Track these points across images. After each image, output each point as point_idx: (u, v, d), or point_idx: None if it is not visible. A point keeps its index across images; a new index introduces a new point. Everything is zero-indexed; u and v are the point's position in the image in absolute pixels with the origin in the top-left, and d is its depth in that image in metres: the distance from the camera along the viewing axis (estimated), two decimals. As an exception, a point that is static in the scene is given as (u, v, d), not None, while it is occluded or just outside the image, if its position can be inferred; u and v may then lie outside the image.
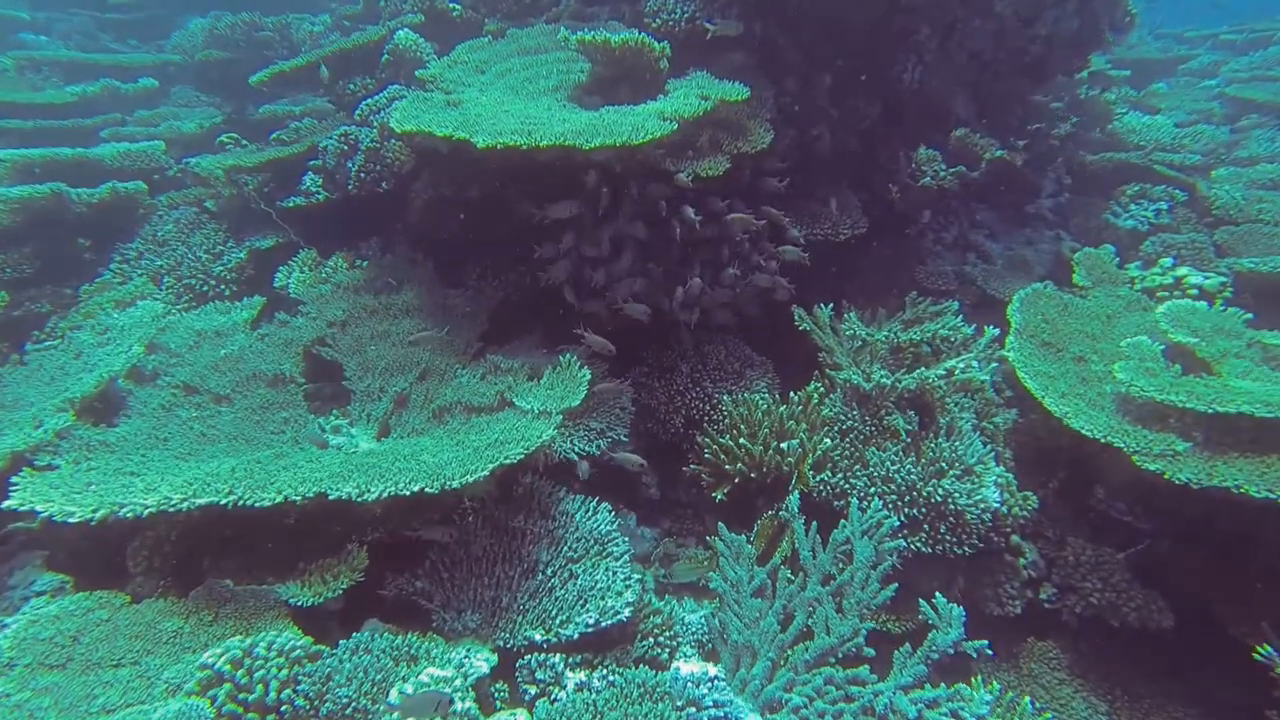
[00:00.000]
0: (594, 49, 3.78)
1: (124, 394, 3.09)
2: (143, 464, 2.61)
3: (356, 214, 4.16)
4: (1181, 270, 3.88)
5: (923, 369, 3.28)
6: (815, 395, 3.44)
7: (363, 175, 3.79)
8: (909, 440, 3.20)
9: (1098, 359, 3.46)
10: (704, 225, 3.55)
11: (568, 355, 3.10)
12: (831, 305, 3.67)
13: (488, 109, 3.63)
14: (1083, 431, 2.94)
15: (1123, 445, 2.83)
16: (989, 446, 3.22)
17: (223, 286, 4.12)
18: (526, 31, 4.46)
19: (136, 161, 4.93)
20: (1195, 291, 3.79)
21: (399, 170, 3.82)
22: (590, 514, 2.89)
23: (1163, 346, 3.34)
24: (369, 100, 4.13)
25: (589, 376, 2.98)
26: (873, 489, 3.08)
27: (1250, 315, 3.50)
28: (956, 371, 3.19)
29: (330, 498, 2.27)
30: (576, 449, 3.20)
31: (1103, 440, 2.87)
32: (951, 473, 3.07)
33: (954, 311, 3.65)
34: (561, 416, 2.82)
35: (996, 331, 3.39)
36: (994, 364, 3.38)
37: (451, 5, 4.65)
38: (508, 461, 2.53)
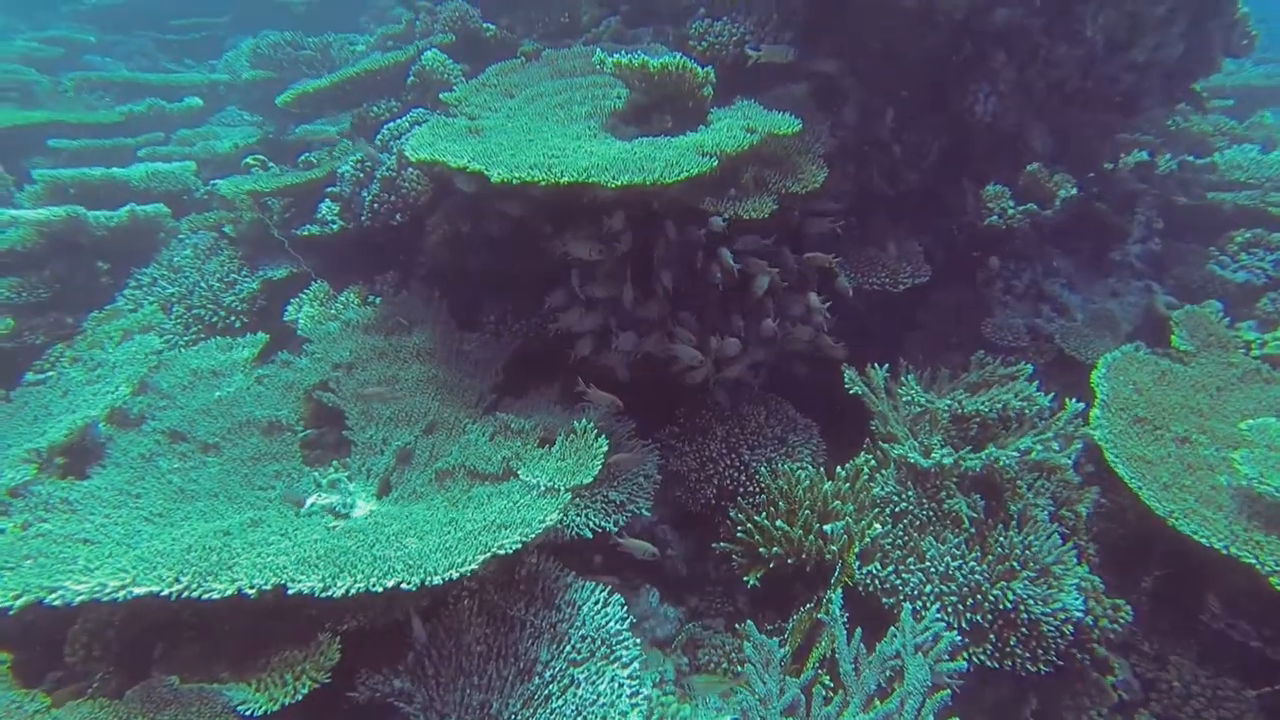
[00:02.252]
0: (631, 73, 3.46)
1: (105, 440, 2.85)
2: (102, 529, 2.34)
3: (374, 245, 3.91)
4: (1311, 336, 3.33)
5: (991, 448, 2.83)
6: (865, 470, 3.01)
7: (375, 206, 3.54)
8: (973, 530, 2.75)
9: (1207, 441, 2.95)
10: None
11: (583, 421, 2.74)
12: (887, 365, 3.24)
13: (511, 137, 3.34)
14: (1196, 538, 2.45)
15: (1255, 563, 2.33)
16: (1070, 542, 2.75)
17: (233, 318, 3.91)
18: (562, 53, 4.18)
19: (164, 183, 4.81)
20: (1330, 363, 3.25)
21: (415, 202, 3.55)
22: (599, 607, 2.52)
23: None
24: (391, 125, 3.89)
25: (605, 448, 2.63)
26: (929, 588, 2.64)
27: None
28: (1033, 453, 2.73)
29: (290, 592, 1.96)
30: (591, 524, 2.83)
31: (1226, 553, 2.38)
32: (1024, 573, 2.61)
33: (1027, 376, 3.18)
34: (570, 495, 2.47)
35: (1081, 406, 2.91)
36: (1077, 444, 2.90)
37: (485, 25, 4.40)
38: (501, 553, 2.18)
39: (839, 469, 3.01)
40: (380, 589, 2.00)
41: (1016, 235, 4.74)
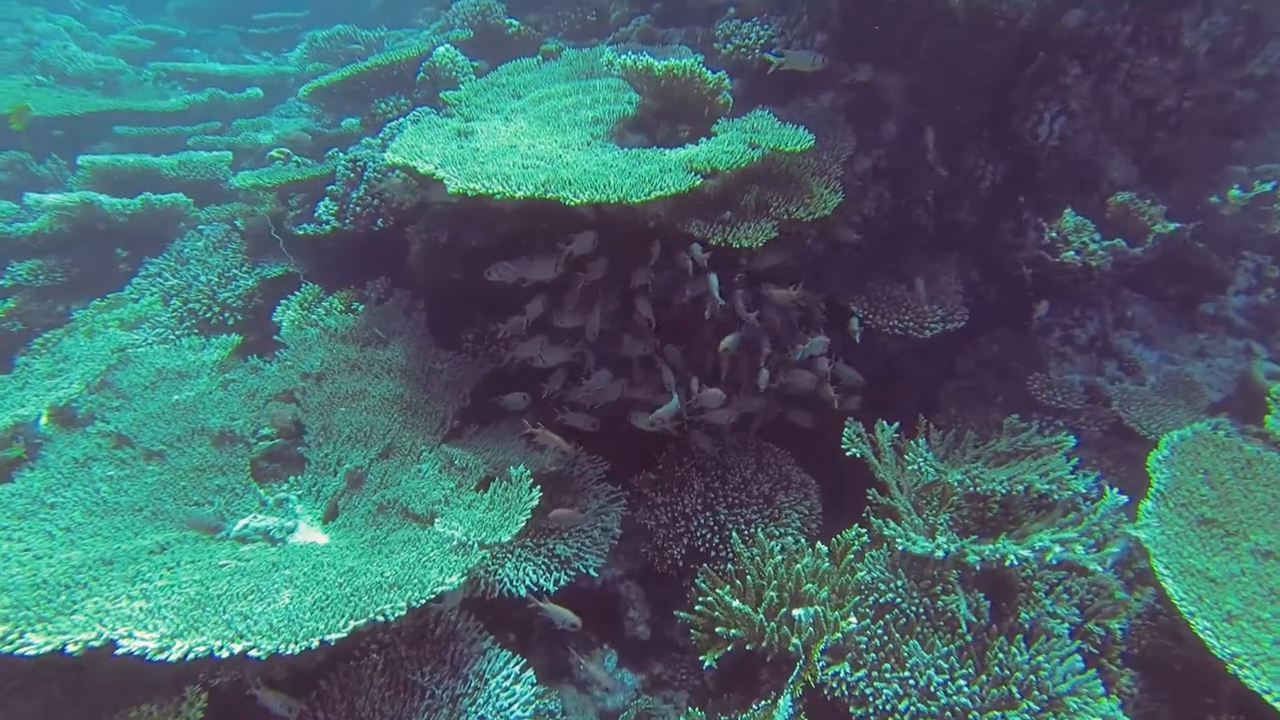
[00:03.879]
0: (637, 77, 3.15)
1: (43, 440, 2.76)
2: (-9, 544, 2.21)
3: (368, 249, 3.73)
4: None
5: (1004, 540, 2.35)
6: (856, 546, 2.58)
7: (358, 209, 3.34)
8: (971, 638, 2.28)
9: (1294, 557, 2.36)
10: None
11: (519, 468, 2.44)
12: (897, 424, 2.78)
13: (498, 142, 3.08)
14: (1268, 700, 1.91)
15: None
16: (1094, 668, 2.24)
17: (226, 315, 3.81)
18: (581, 54, 3.89)
19: (195, 172, 4.81)
20: None
21: (399, 207, 3.33)
22: (508, 683, 2.21)
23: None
24: (393, 123, 3.70)
25: (535, 501, 2.32)
26: (905, 704, 2.19)
27: None
28: (1051, 553, 2.23)
29: (118, 653, 1.74)
30: (529, 580, 2.53)
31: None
32: (1026, 703, 2.13)
33: (1066, 450, 2.66)
34: (484, 554, 2.17)
35: (1124, 499, 2.38)
36: (1115, 547, 2.36)
37: (509, 21, 4.17)
38: (380, 619, 1.90)
39: (820, 545, 2.59)
40: (226, 654, 1.76)
41: (1095, 276, 4.12)
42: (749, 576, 2.57)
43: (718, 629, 2.49)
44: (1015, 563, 2.23)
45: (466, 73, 3.84)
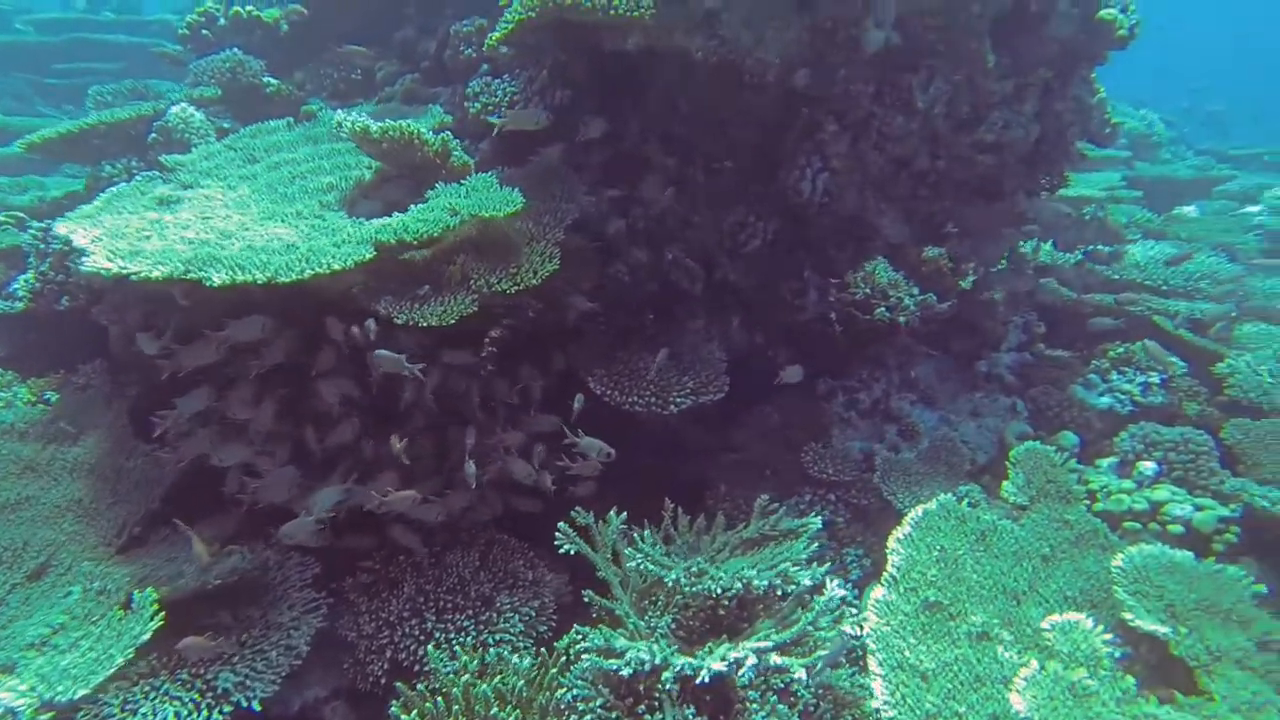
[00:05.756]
0: (360, 140, 2.92)
1: None
2: None
3: (81, 329, 3.28)
4: (1160, 492, 2.59)
5: (712, 646, 2.11)
6: (568, 657, 2.29)
7: (37, 286, 2.93)
8: (673, 766, 2.01)
9: (1011, 639, 2.21)
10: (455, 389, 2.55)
11: (147, 591, 2.05)
12: (624, 514, 2.53)
13: (201, 213, 2.76)
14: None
15: None
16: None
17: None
18: (336, 114, 3.63)
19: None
20: (1180, 529, 2.50)
21: (89, 284, 2.93)
22: None
23: (1112, 635, 2.10)
24: (113, 188, 3.30)
25: (148, 635, 1.93)
26: None
27: (1261, 587, 2.22)
28: (745, 666, 1.99)
29: None
30: (167, 725, 2.11)
31: None
32: (720, 845, 1.86)
33: (811, 534, 2.46)
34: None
35: (840, 593, 2.19)
36: (824, 650, 2.13)
37: (267, 80, 3.87)
38: None
39: (517, 658, 2.28)
40: None
41: (901, 332, 4.05)
42: (439, 699, 2.23)
43: (402, 768, 2.14)
44: (708, 680, 1.98)
45: (204, 134, 3.50)
